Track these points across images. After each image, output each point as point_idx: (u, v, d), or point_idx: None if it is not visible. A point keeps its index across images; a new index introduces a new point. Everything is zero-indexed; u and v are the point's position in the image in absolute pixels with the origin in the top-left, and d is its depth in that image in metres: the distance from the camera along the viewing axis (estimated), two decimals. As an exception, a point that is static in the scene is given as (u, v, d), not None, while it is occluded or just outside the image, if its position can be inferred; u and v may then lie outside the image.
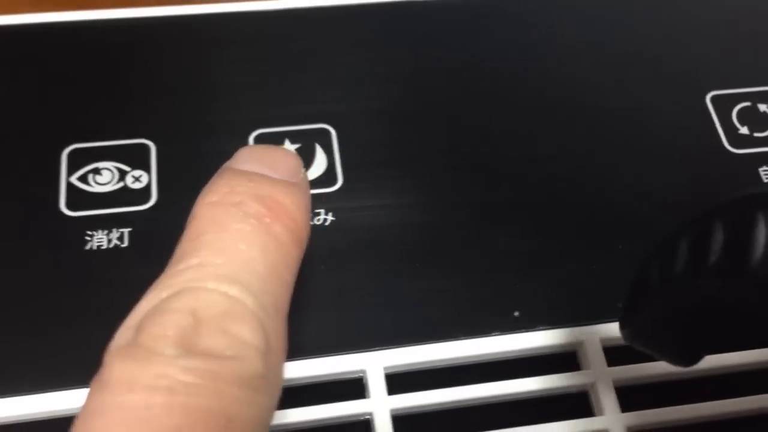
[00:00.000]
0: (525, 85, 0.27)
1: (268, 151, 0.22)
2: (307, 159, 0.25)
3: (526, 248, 0.24)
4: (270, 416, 0.18)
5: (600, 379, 0.22)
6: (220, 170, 0.21)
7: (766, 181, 0.26)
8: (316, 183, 0.25)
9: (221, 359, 0.17)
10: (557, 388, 0.22)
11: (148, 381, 0.16)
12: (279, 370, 0.18)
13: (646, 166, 0.26)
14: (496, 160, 0.26)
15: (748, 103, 0.28)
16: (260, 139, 0.25)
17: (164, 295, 0.18)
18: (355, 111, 0.26)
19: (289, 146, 0.25)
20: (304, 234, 0.21)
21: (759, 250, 0.14)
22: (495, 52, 0.28)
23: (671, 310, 0.16)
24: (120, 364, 0.16)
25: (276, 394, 0.18)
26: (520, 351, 0.23)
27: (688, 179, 0.26)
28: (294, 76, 0.27)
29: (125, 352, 0.17)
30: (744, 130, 0.27)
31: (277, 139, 0.25)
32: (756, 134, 0.27)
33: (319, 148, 0.25)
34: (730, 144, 0.27)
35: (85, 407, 0.16)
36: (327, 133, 0.26)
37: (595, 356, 0.22)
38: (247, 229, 0.19)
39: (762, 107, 0.28)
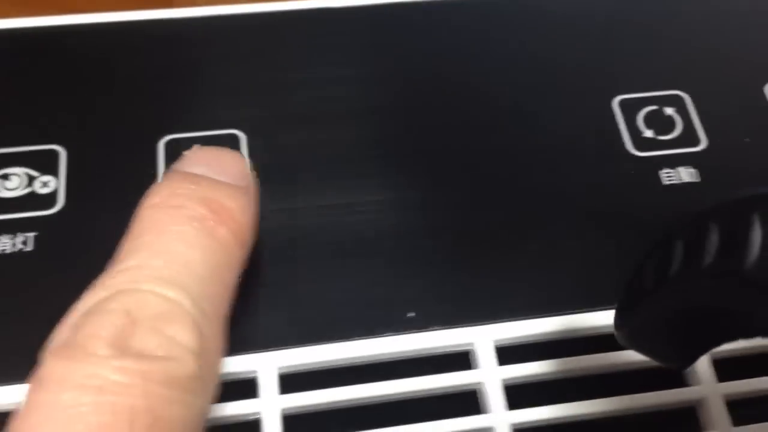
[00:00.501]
0: (429, 88, 0.28)
1: (215, 153, 0.23)
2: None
3: (423, 249, 0.24)
4: (202, 416, 0.18)
5: (489, 378, 0.22)
6: (166, 172, 0.22)
7: (666, 183, 0.26)
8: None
9: (152, 359, 0.17)
10: (448, 387, 0.22)
11: (79, 380, 0.17)
12: (214, 371, 0.19)
13: (548, 168, 0.26)
14: (399, 163, 0.26)
15: (654, 107, 0.28)
16: (170, 146, 0.26)
17: (102, 295, 0.18)
18: (266, 116, 0.27)
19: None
20: (248, 236, 0.21)
21: (754, 251, 0.14)
22: (399, 59, 0.28)
23: (666, 311, 0.16)
24: (55, 362, 0.17)
25: (209, 395, 0.19)
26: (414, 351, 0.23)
27: (589, 181, 0.26)
28: (205, 82, 0.27)
29: (61, 351, 0.17)
30: (648, 133, 0.27)
31: (187, 145, 0.26)
32: (660, 137, 0.27)
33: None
34: (635, 147, 0.27)
35: (22, 404, 0.17)
36: (236, 138, 0.26)
37: (487, 356, 0.22)
38: (188, 231, 0.20)
39: (667, 111, 0.28)
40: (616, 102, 0.28)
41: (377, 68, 0.28)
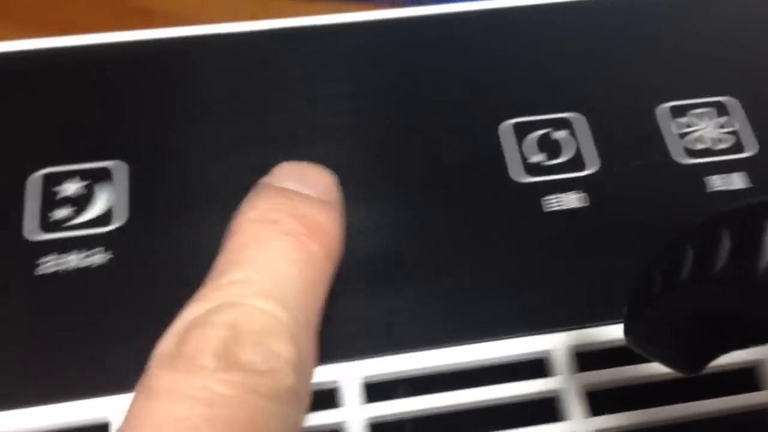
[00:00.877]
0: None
1: (303, 168, 0.23)
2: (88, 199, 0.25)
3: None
4: (297, 428, 0.19)
5: (569, 385, 0.22)
6: (258, 186, 0.23)
7: (547, 210, 0.26)
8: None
9: (257, 373, 0.18)
10: (531, 394, 0.22)
11: (191, 392, 0.17)
12: (309, 383, 0.20)
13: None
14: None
15: (544, 131, 0.27)
16: (48, 179, 0.25)
17: (207, 307, 0.19)
18: (148, 146, 0.26)
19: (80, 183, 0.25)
20: (338, 250, 0.22)
21: (766, 258, 0.14)
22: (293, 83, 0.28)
23: (676, 316, 0.17)
24: (164, 373, 0.18)
25: (305, 407, 0.20)
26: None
27: (474, 208, 0.26)
28: (87, 111, 0.27)
29: (170, 362, 0.18)
30: (535, 158, 0.27)
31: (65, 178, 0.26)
32: (546, 163, 0.27)
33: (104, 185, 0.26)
34: (525, 172, 0.26)
35: (131, 412, 0.18)
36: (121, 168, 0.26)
37: (565, 364, 0.23)
38: (286, 246, 0.20)
39: (555, 135, 0.27)
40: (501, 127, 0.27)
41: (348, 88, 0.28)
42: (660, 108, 0.28)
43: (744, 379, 0.23)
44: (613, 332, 0.23)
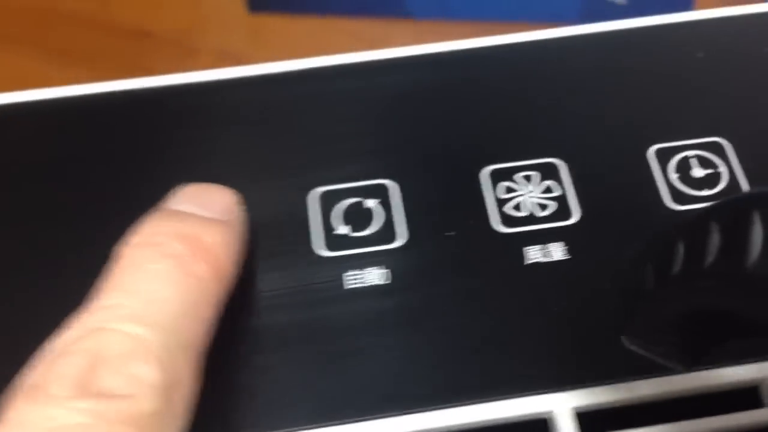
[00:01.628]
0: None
1: (202, 189, 0.24)
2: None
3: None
4: None
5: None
6: (151, 211, 0.23)
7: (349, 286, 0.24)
8: None
9: (113, 399, 0.18)
10: None
11: (40, 422, 0.18)
12: (183, 406, 0.20)
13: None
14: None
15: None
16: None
17: (72, 335, 0.19)
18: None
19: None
20: (229, 271, 0.22)
21: (756, 250, 0.14)
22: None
23: (669, 312, 0.17)
24: (21, 403, 0.18)
25: (177, 429, 0.19)
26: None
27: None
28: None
29: (26, 392, 0.18)
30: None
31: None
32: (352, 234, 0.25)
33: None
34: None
35: None
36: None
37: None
38: (164, 268, 0.21)
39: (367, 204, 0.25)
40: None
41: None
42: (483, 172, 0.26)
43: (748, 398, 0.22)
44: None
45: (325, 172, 0.26)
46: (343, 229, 0.25)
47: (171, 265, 0.20)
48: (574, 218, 0.26)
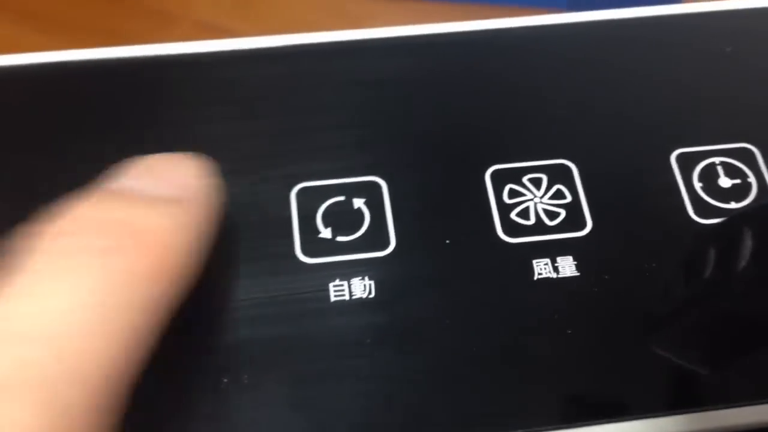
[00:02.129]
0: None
1: (156, 161, 0.19)
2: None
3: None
4: None
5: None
6: (85, 190, 0.18)
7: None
8: None
9: None
10: None
11: None
12: None
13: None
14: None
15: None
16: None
17: None
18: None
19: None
20: (178, 264, 0.17)
21: None
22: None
23: (699, 316, 0.17)
24: None
25: None
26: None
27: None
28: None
29: None
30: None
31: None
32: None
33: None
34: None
35: None
36: None
37: None
38: (74, 266, 0.16)
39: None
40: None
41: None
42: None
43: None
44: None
45: (310, 166, 0.23)
46: (328, 233, 0.22)
47: (85, 262, 0.16)
48: (587, 229, 0.23)
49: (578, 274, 0.22)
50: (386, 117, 0.24)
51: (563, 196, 0.23)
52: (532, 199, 0.23)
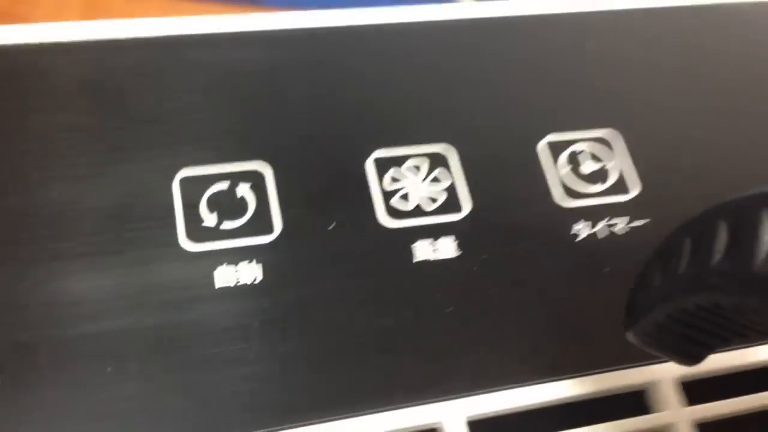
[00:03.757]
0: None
1: None
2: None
3: None
4: None
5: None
6: None
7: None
8: None
9: None
10: None
11: None
12: None
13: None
14: None
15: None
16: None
17: None
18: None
19: None
20: None
21: (763, 249, 0.14)
22: None
23: (674, 309, 0.16)
24: None
25: None
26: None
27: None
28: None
29: None
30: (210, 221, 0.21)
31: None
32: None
33: None
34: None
35: None
36: None
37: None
38: None
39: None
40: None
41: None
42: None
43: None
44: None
45: (192, 154, 0.23)
46: (212, 220, 0.22)
47: None
48: (464, 212, 0.24)
49: (459, 254, 0.23)
50: (271, 105, 0.24)
51: (440, 180, 0.24)
52: (412, 185, 0.24)
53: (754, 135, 0.27)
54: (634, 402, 0.23)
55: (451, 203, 0.24)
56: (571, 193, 0.25)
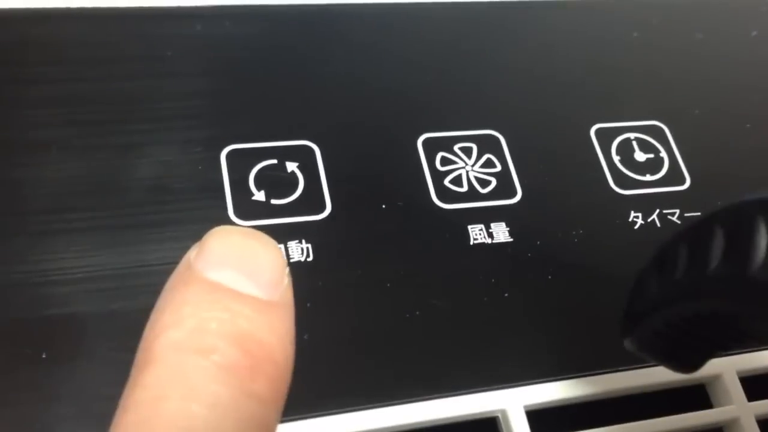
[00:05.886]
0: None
1: (247, 247, 0.17)
2: None
3: None
4: None
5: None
6: (180, 274, 0.16)
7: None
8: None
9: None
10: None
11: None
12: None
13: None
14: None
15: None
16: None
17: None
18: None
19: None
20: (286, 382, 0.16)
21: (760, 255, 0.14)
22: None
23: (672, 317, 0.16)
24: None
25: None
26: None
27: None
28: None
29: None
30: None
31: None
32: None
33: None
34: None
35: None
36: None
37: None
38: (223, 394, 0.15)
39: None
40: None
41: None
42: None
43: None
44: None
45: (241, 128, 0.22)
46: (261, 195, 0.22)
47: (230, 386, 0.15)
48: (518, 197, 0.23)
49: (511, 239, 0.22)
50: (320, 83, 0.24)
51: (494, 165, 0.23)
52: (464, 167, 0.23)
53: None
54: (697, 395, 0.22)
55: (503, 188, 0.23)
56: (625, 181, 0.24)
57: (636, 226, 0.24)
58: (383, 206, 0.22)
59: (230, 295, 0.16)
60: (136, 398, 0.15)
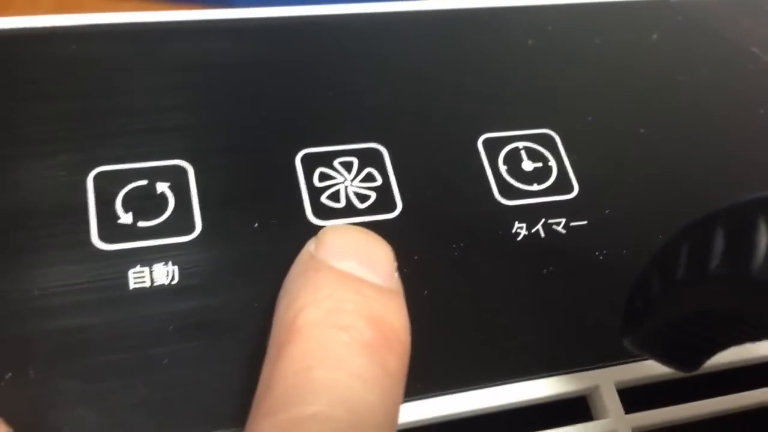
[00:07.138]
0: None
1: (363, 241, 0.19)
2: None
3: None
4: None
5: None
6: (307, 262, 0.18)
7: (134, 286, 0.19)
8: None
9: None
10: None
11: None
12: None
13: None
14: None
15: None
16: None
17: None
18: None
19: None
20: (408, 357, 0.18)
21: (760, 254, 0.14)
22: None
23: (672, 316, 0.16)
24: None
25: None
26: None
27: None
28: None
29: None
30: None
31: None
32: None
33: None
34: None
35: None
36: None
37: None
38: (363, 365, 0.16)
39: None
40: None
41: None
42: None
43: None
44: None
45: (110, 150, 0.22)
46: (127, 218, 0.21)
47: (372, 362, 0.16)
48: (397, 211, 0.23)
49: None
50: (194, 101, 0.23)
51: (374, 179, 0.23)
52: (343, 182, 0.23)
53: (701, 135, 0.27)
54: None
55: (382, 202, 0.23)
56: (511, 192, 0.24)
57: (519, 237, 0.23)
58: (255, 225, 0.22)
59: (359, 281, 0.18)
60: (281, 370, 0.16)
